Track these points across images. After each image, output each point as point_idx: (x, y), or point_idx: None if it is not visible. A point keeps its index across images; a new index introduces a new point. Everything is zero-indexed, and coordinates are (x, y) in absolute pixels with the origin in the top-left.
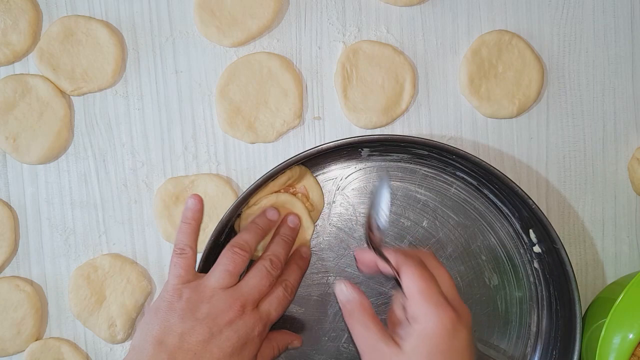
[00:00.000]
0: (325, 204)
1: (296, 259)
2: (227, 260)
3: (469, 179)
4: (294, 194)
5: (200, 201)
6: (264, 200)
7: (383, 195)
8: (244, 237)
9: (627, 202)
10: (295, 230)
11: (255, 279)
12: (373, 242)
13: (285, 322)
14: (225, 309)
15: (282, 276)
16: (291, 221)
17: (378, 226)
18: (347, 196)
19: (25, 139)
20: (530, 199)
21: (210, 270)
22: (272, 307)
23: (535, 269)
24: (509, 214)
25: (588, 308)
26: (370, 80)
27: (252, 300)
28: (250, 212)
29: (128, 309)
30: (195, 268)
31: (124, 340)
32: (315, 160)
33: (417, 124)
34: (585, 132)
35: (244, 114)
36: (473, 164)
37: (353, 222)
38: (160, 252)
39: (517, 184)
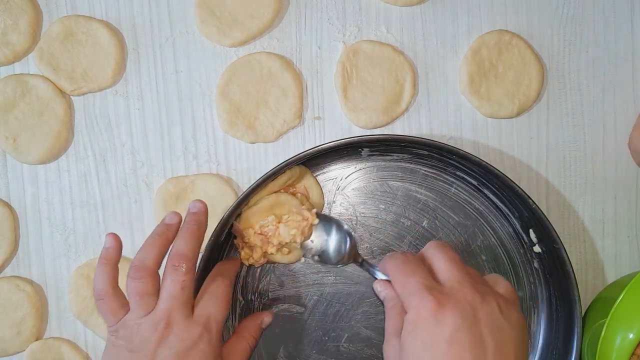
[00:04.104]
0: (325, 204)
1: (185, 223)
2: (129, 289)
3: (469, 179)
4: (294, 194)
5: (117, 239)
6: (264, 201)
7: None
8: (139, 256)
9: (627, 202)
10: (199, 214)
11: (165, 289)
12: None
13: (285, 322)
14: (150, 333)
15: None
16: (193, 206)
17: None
18: (347, 196)
19: (25, 139)
20: (530, 199)
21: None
22: (207, 306)
23: (535, 269)
24: (509, 213)
25: (588, 308)
26: (370, 80)
27: (175, 312)
28: (251, 212)
29: None
30: (119, 305)
31: None
32: (315, 160)
33: (417, 124)
34: (585, 132)
35: (244, 114)
36: (473, 164)
37: (353, 222)
38: None
39: (517, 184)
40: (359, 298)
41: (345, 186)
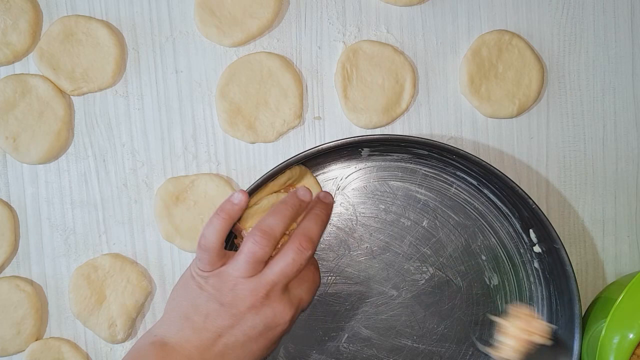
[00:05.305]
0: None
1: (317, 209)
2: (248, 249)
3: (469, 178)
4: None
5: (246, 199)
6: (264, 200)
7: None
8: (268, 222)
9: (627, 201)
10: (329, 207)
11: (282, 263)
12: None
13: None
14: (247, 297)
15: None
16: (325, 197)
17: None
18: (347, 196)
19: (25, 139)
20: (530, 199)
21: (234, 257)
22: (302, 291)
23: (535, 269)
24: (509, 213)
25: (588, 308)
26: (371, 80)
27: (278, 286)
28: (251, 212)
29: (128, 309)
30: (219, 257)
31: (124, 340)
32: (315, 160)
33: (417, 124)
34: (585, 132)
35: (244, 114)
36: (473, 164)
37: (353, 222)
38: (160, 252)
39: (517, 184)
40: (359, 298)
41: (345, 186)
